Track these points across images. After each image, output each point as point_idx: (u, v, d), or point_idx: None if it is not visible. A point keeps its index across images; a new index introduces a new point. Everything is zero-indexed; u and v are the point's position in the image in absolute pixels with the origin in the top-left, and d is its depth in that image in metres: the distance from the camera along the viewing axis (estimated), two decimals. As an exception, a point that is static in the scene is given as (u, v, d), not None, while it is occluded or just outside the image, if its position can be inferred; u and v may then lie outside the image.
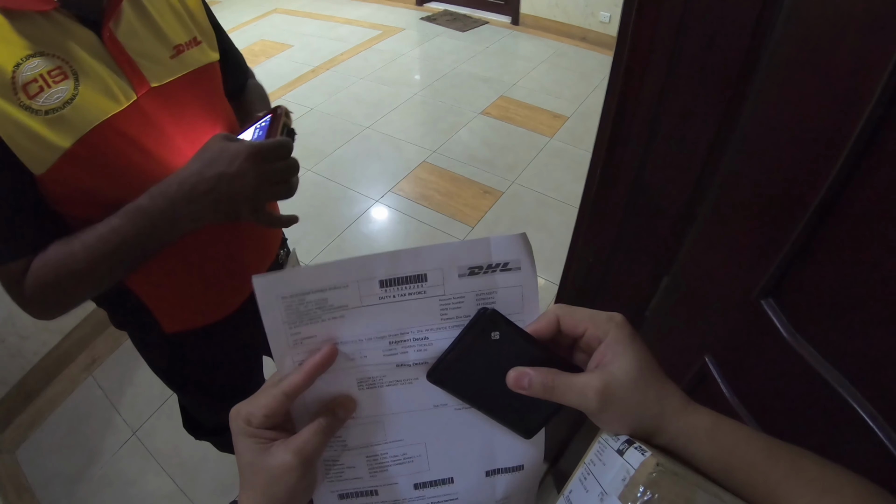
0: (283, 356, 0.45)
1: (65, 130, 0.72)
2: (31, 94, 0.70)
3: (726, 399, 0.77)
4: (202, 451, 1.98)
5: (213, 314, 1.07)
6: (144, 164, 0.82)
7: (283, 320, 0.44)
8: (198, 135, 0.90)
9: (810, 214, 0.58)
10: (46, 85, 0.71)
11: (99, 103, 0.75)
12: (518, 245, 0.44)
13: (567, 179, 3.36)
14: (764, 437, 0.40)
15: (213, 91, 0.98)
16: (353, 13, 6.26)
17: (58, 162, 0.73)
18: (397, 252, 0.43)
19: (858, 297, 0.55)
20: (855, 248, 0.55)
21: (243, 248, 1.04)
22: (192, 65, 0.89)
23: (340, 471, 0.49)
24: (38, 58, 0.70)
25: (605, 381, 0.41)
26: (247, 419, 0.43)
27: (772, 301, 0.67)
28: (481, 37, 5.53)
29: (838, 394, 0.57)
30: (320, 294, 0.43)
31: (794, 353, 0.62)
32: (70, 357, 2.35)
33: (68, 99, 0.72)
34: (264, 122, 0.91)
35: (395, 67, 4.93)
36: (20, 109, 0.69)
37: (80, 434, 2.12)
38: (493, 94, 4.38)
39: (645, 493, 0.36)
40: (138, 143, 0.81)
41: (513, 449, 0.50)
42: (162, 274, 0.93)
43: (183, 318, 1.04)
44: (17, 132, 0.69)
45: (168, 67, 0.85)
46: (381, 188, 3.33)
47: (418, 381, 0.47)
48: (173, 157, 0.85)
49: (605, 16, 5.13)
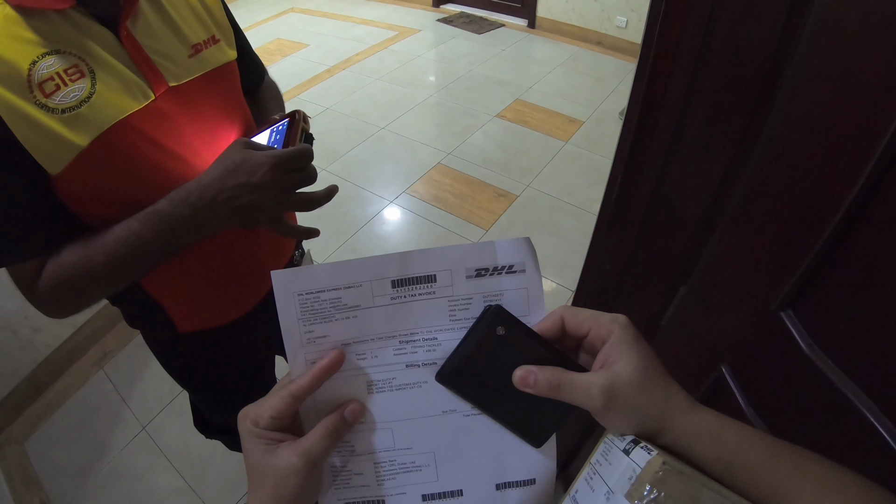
0: (295, 353, 0.46)
1: (81, 129, 0.72)
2: (47, 93, 0.69)
3: (742, 409, 0.76)
4: (211, 448, 1.99)
5: (229, 314, 1.07)
6: (162, 163, 0.81)
7: (298, 317, 0.45)
8: (216, 134, 0.90)
9: (832, 227, 0.57)
10: (63, 83, 0.70)
11: (116, 102, 0.75)
12: (522, 248, 0.46)
13: (581, 184, 3.34)
14: (768, 437, 0.40)
15: (231, 90, 0.97)
16: (369, 13, 6.28)
17: (74, 161, 0.72)
18: (407, 253, 0.45)
19: (879, 311, 0.55)
20: (876, 263, 0.55)
21: (260, 249, 1.03)
22: (211, 64, 0.89)
23: (348, 478, 0.49)
24: (54, 56, 0.70)
25: (609, 380, 0.42)
26: (254, 421, 0.44)
27: (791, 313, 0.67)
28: (497, 39, 5.53)
29: (856, 407, 0.57)
30: (335, 293, 0.45)
31: (812, 365, 0.62)
32: (81, 351, 2.37)
33: (85, 97, 0.72)
34: (282, 125, 0.90)
35: (411, 69, 4.94)
36: (36, 108, 0.68)
37: (89, 427, 2.13)
38: (508, 98, 4.38)
39: (651, 492, 0.36)
40: (156, 141, 0.80)
41: (523, 461, 0.50)
42: (178, 274, 0.93)
43: (198, 317, 1.04)
44: (32, 131, 0.68)
45: (186, 67, 0.84)
46: (395, 189, 3.34)
47: (427, 385, 0.48)
48: (191, 156, 0.85)
49: (621, 20, 5.11)
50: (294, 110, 0.92)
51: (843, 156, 0.57)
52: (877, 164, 0.51)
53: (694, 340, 0.96)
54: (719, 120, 0.80)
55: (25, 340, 2.14)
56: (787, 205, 0.68)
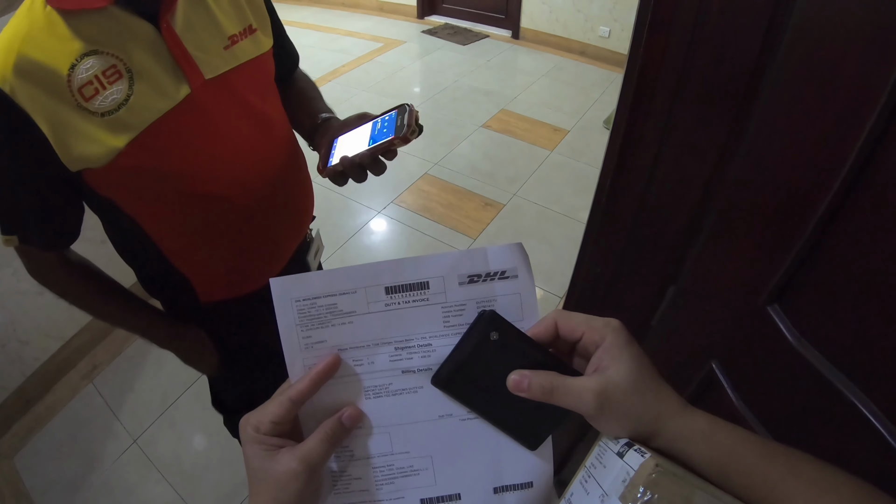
0: (294, 358, 0.47)
1: (120, 131, 0.74)
2: (87, 97, 0.71)
3: (734, 404, 0.78)
4: (204, 460, 1.98)
5: (248, 285, 1.09)
6: (195, 158, 0.84)
7: (296, 323, 0.46)
8: (250, 124, 0.92)
9: (815, 223, 0.59)
10: (101, 86, 0.72)
11: (153, 102, 0.77)
12: (514, 254, 0.46)
13: (567, 192, 3.38)
14: (761, 439, 0.40)
15: (266, 79, 0.98)
16: (354, 25, 6.30)
17: (113, 160, 0.75)
18: (400, 260, 0.45)
19: (864, 303, 0.56)
20: (859, 255, 0.56)
21: (278, 221, 1.05)
22: (246, 56, 0.90)
23: (347, 482, 0.49)
24: (93, 57, 0.71)
25: (602, 385, 0.42)
26: (255, 427, 0.44)
27: (778, 307, 0.69)
28: (482, 50, 5.58)
29: (846, 397, 0.58)
30: (330, 299, 0.45)
31: (800, 358, 0.64)
32: (70, 364, 2.34)
33: (123, 100, 0.74)
34: (389, 116, 0.87)
35: (397, 80, 4.97)
36: (77, 111, 0.71)
37: (79, 441, 2.10)
38: (493, 108, 4.41)
39: (645, 494, 0.36)
40: (191, 136, 0.82)
41: (520, 464, 0.50)
42: (202, 246, 0.96)
43: (220, 288, 1.06)
44: (72, 135, 0.71)
45: (222, 58, 0.86)
46: (382, 200, 3.35)
47: (423, 390, 0.48)
48: (224, 149, 0.87)
49: (604, 30, 5.18)
50: (403, 103, 0.88)
51: (821, 156, 0.59)
52: (855, 161, 0.53)
53: (684, 338, 0.97)
54: (704, 124, 0.82)
55: (14, 353, 2.11)
56: (771, 204, 0.69)
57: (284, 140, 1.02)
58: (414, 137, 0.83)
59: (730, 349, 0.81)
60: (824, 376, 0.60)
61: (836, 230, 0.58)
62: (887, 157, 0.51)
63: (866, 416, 0.55)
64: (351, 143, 0.89)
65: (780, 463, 0.38)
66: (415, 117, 0.83)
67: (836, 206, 0.57)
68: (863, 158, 0.53)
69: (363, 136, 0.88)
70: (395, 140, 0.82)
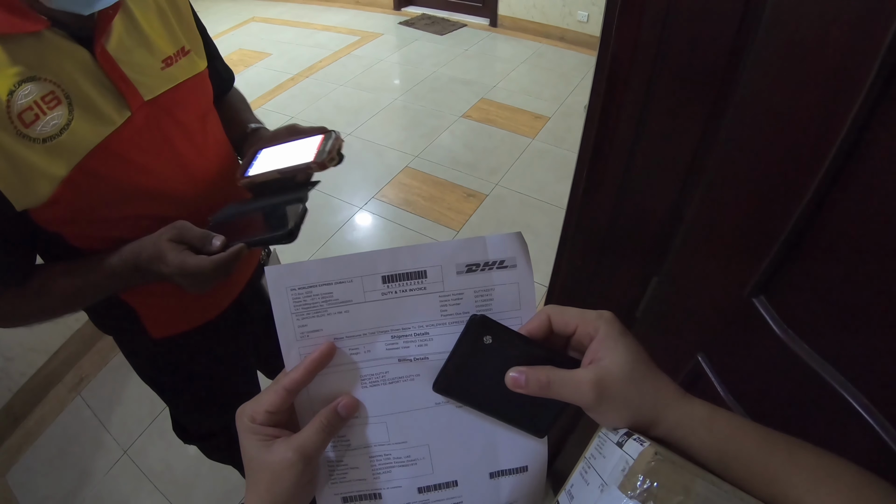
0: (290, 347, 0.47)
1: (62, 157, 0.72)
2: (27, 123, 0.69)
3: (721, 396, 0.77)
4: (195, 468, 1.98)
5: (200, 317, 1.08)
6: (140, 179, 0.83)
7: (292, 311, 0.46)
8: (190, 144, 0.91)
9: (799, 213, 0.58)
10: (41, 112, 0.70)
11: (94, 126, 0.75)
12: (513, 243, 0.47)
13: (550, 180, 3.38)
14: (760, 427, 0.40)
15: (204, 100, 0.98)
16: (331, 19, 6.25)
17: (56, 190, 0.73)
18: (397, 249, 0.45)
19: (849, 292, 0.56)
20: (843, 245, 0.56)
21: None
22: (182, 76, 0.89)
23: (344, 472, 0.50)
24: (31, 83, 0.69)
25: (599, 375, 0.42)
26: (251, 417, 0.44)
27: (763, 299, 0.68)
28: (460, 40, 5.55)
29: (832, 387, 0.57)
30: (326, 287, 0.45)
31: (786, 348, 0.63)
32: (57, 377, 2.32)
33: (64, 125, 0.72)
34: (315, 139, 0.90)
35: (375, 73, 4.93)
36: (17, 139, 0.68)
37: (70, 455, 2.09)
38: (473, 97, 4.40)
39: (644, 482, 0.37)
40: (134, 159, 0.81)
41: (516, 449, 0.51)
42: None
43: (170, 322, 1.05)
44: (11, 166, 0.69)
45: (160, 79, 0.85)
46: (364, 195, 3.33)
47: (419, 378, 0.48)
48: (167, 168, 0.87)
49: (582, 15, 5.17)
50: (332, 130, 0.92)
51: (804, 144, 0.58)
52: (839, 149, 0.52)
53: (669, 330, 0.97)
54: (682, 110, 0.80)
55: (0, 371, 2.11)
56: (753, 192, 0.68)
57: (226, 160, 1.02)
58: (332, 165, 0.86)
59: (716, 341, 0.81)
60: (811, 367, 0.60)
61: (821, 220, 0.57)
62: (873, 144, 0.50)
63: (854, 407, 0.55)
64: (273, 158, 0.90)
65: (780, 450, 0.38)
66: (338, 147, 0.86)
67: (821, 194, 0.56)
68: (847, 146, 0.52)
69: (285, 154, 0.90)
70: (313, 165, 0.84)
